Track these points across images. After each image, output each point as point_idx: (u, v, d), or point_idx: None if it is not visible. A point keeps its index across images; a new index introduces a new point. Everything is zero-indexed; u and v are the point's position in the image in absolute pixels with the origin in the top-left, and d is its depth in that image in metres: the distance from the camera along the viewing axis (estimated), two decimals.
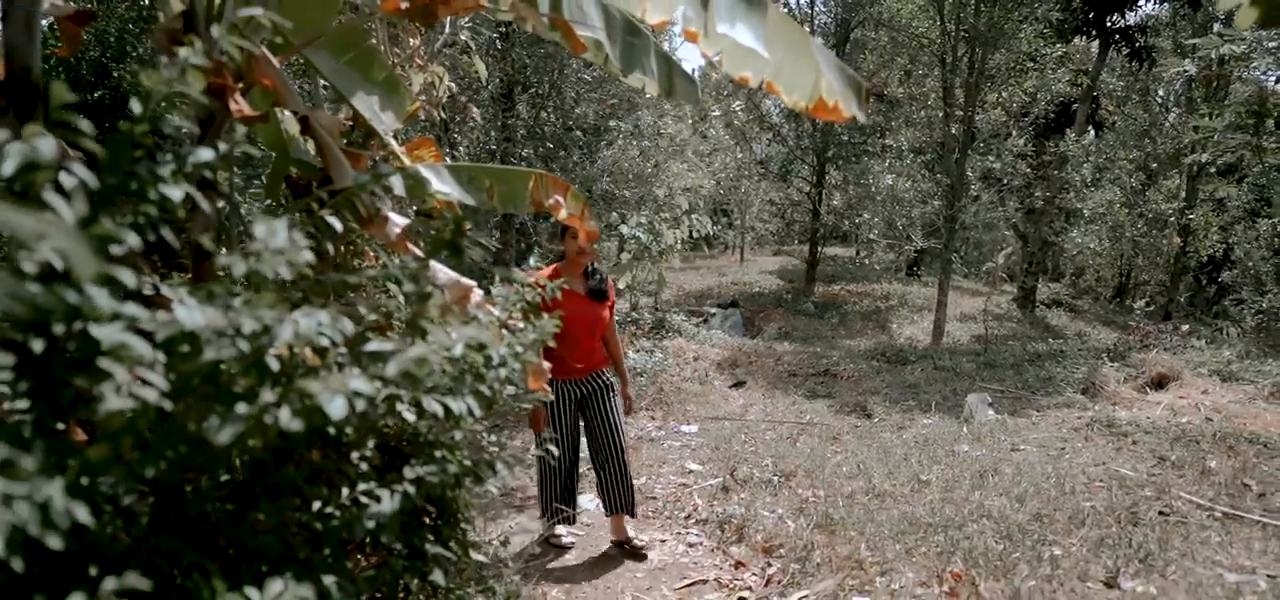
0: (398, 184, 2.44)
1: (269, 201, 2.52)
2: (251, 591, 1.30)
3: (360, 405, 1.25)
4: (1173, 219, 15.00)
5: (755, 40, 2.32)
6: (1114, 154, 16.65)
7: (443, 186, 2.99)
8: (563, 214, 3.30)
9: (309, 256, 1.44)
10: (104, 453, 1.14)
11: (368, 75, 2.91)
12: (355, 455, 1.83)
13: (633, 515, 3.99)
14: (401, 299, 2.08)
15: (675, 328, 10.06)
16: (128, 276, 1.14)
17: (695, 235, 11.47)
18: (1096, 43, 16.02)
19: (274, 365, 1.33)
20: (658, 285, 10.63)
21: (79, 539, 1.19)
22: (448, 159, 5.17)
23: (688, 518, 4.48)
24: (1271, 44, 11.09)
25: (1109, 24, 14.86)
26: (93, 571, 1.16)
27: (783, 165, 19.40)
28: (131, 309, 1.16)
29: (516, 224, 9.43)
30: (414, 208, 3.37)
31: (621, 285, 11.37)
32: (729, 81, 14.33)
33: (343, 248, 2.42)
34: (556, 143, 8.19)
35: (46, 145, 1.13)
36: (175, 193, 1.46)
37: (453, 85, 4.10)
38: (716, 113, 16.57)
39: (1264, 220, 14.13)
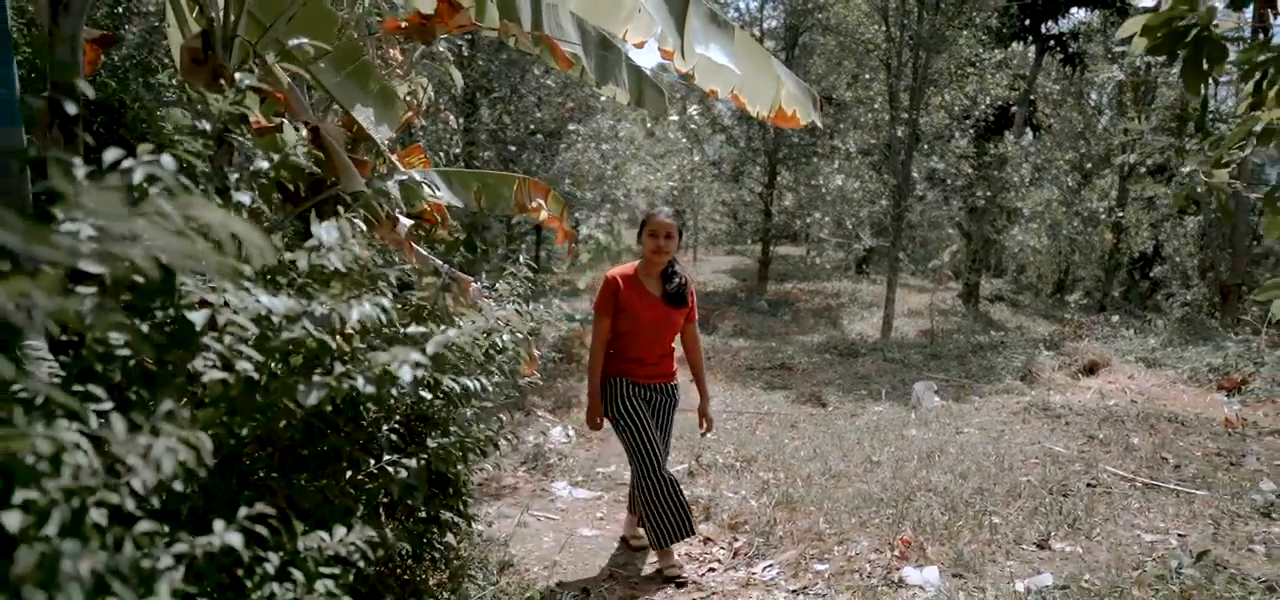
0: (393, 188, 2.70)
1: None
2: (323, 534, 1.54)
3: (419, 374, 1.49)
4: (1104, 218, 15.77)
5: (726, 58, 2.61)
6: (1051, 155, 17.41)
7: (435, 191, 3.22)
8: (543, 215, 3.55)
9: (363, 253, 1.69)
10: (212, 416, 1.37)
11: (365, 88, 3.13)
12: (385, 428, 2.07)
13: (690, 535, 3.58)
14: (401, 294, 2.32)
15: None
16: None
17: None
18: (1033, 48, 16.77)
19: (332, 344, 1.57)
20: None
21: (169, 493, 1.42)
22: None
23: None
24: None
25: (1043, 31, 15.59)
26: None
27: (735, 166, 19.85)
28: (231, 297, 1.39)
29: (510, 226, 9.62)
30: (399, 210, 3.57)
31: (581, 285, 11.62)
32: (684, 87, 14.68)
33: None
34: (519, 145, 8.41)
35: (167, 161, 1.36)
36: (245, 197, 1.70)
37: (432, 93, 4.31)
38: (673, 117, 16.92)
39: (1191, 219, 14.95)
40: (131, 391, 1.41)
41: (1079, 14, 14.67)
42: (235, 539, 1.21)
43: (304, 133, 2.90)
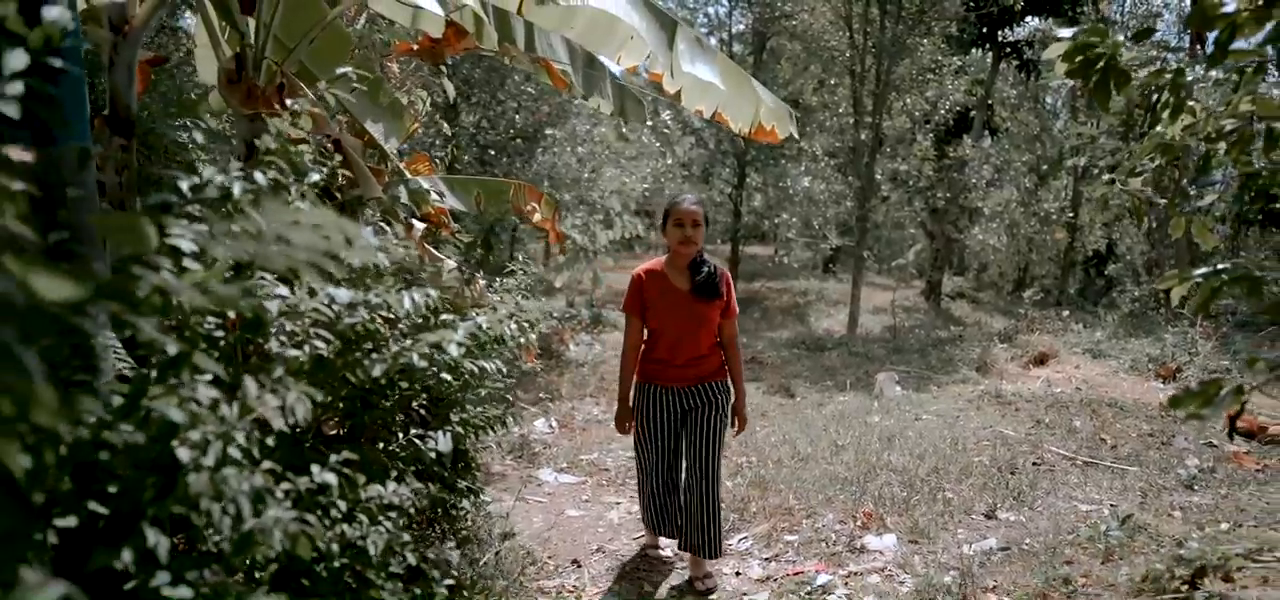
0: (405, 194, 3.02)
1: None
2: (378, 487, 1.85)
3: (462, 352, 1.81)
4: (1055, 217, 16.40)
5: (711, 79, 2.95)
6: (1009, 157, 18.03)
7: (440, 196, 3.52)
8: (537, 218, 3.86)
9: (403, 253, 2.00)
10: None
11: (375, 102, 3.42)
12: (415, 404, 2.38)
13: (713, 556, 3.44)
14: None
15: (611, 322, 10.67)
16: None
17: (627, 236, 12.12)
18: (990, 55, 17.37)
19: (385, 329, 1.89)
20: (593, 283, 11.23)
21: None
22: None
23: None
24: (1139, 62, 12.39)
25: (1000, 38, 16.16)
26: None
27: (704, 168, 20.26)
28: (306, 289, 1.70)
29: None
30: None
31: (558, 284, 11.91)
32: (653, 92, 15.01)
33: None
34: (499, 149, 8.69)
35: (260, 177, 1.66)
36: (304, 205, 2.01)
37: (428, 103, 4.60)
38: (648, 123, 17.27)
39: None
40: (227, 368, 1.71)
41: (1033, 22, 15.23)
42: (330, 478, 1.52)
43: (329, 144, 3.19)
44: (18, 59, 1.19)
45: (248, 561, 1.48)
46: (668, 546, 3.84)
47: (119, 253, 1.22)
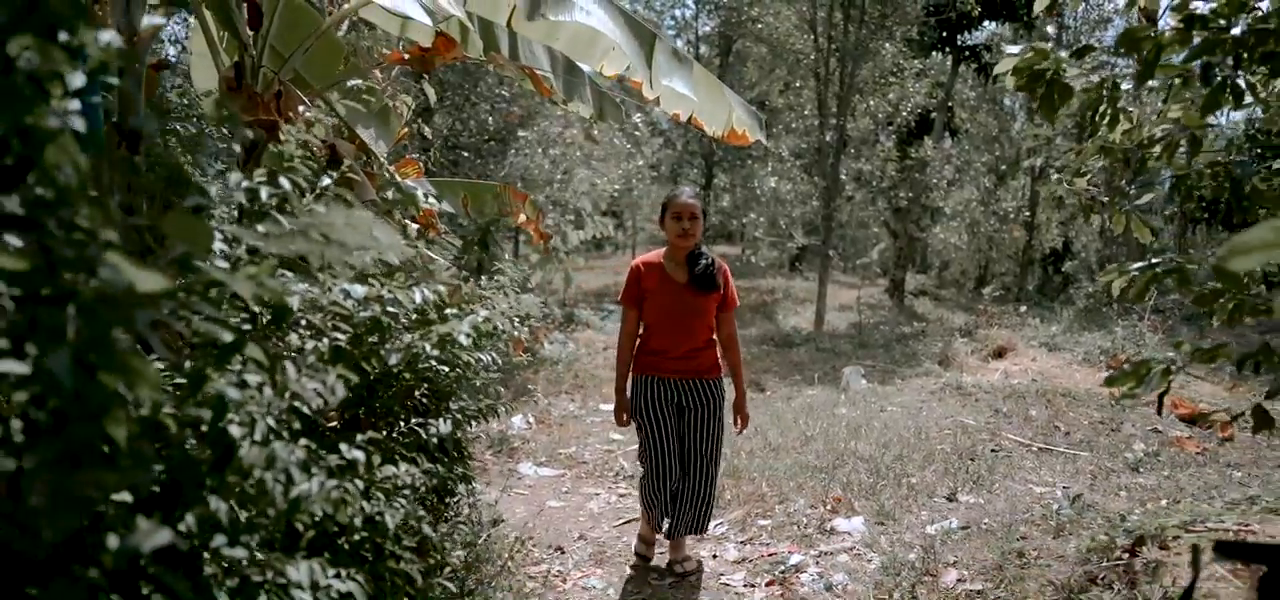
0: (396, 195, 3.17)
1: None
2: (391, 467, 2.00)
3: (471, 337, 1.97)
4: (1013, 216, 16.89)
5: (687, 88, 3.14)
6: (969, 157, 18.53)
7: (428, 199, 3.67)
8: (522, 219, 4.02)
9: (413, 252, 2.15)
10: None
11: (366, 108, 3.56)
12: (417, 393, 2.53)
13: (699, 533, 3.57)
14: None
15: (583, 321, 10.84)
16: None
17: (597, 236, 12.28)
18: (950, 58, 17.85)
19: (397, 322, 2.04)
20: (564, 282, 11.38)
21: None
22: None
23: (617, 475, 5.26)
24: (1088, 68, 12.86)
25: (959, 42, 16.64)
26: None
27: (672, 168, 20.52)
28: (328, 284, 1.85)
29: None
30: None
31: (531, 284, 12.03)
32: (620, 91, 15.21)
33: None
34: (473, 151, 8.81)
35: (286, 182, 1.81)
36: (320, 208, 2.15)
37: (412, 106, 4.72)
38: (621, 127, 17.45)
39: (1095, 217, 16.13)
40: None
41: (991, 26, 15.74)
42: (359, 455, 1.68)
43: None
44: (78, 79, 1.34)
45: (283, 530, 1.63)
46: (657, 551, 3.78)
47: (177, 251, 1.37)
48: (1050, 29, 14.73)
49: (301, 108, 2.71)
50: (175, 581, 1.26)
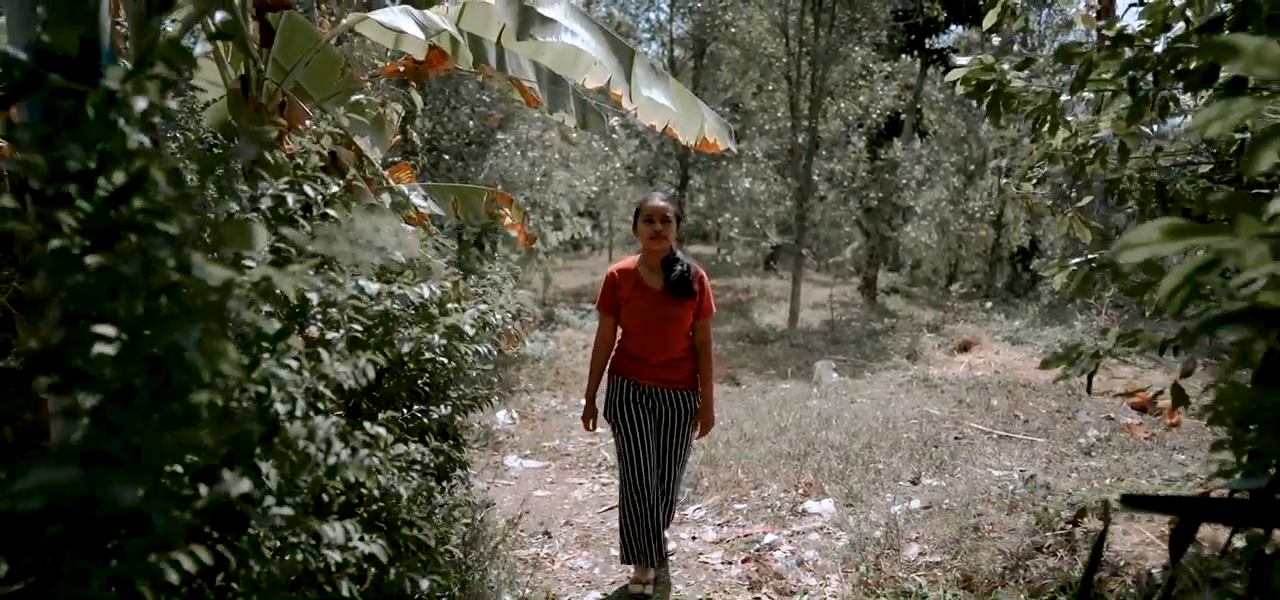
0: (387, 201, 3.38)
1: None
2: (402, 446, 2.22)
3: (474, 329, 2.19)
4: (981, 215, 17.34)
5: (664, 98, 3.37)
6: (938, 158, 18.96)
7: (420, 202, 3.87)
8: (507, 222, 4.23)
9: (420, 253, 2.37)
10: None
11: (363, 117, 3.75)
12: (420, 381, 2.74)
13: (665, 525, 3.49)
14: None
15: (564, 320, 11.05)
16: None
17: (575, 237, 12.50)
18: (919, 61, 18.27)
19: (407, 315, 2.26)
20: (544, 282, 11.58)
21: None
22: None
23: (599, 466, 5.49)
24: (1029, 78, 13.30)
25: (927, 45, 17.06)
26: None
27: (648, 170, 20.78)
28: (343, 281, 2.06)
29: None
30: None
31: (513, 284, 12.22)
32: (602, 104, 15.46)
33: None
34: (453, 155, 8.99)
35: (310, 189, 2.02)
36: (331, 212, 2.36)
37: (401, 113, 4.92)
38: (602, 133, 17.65)
39: (1061, 215, 16.60)
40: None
41: (958, 29, 16.16)
42: (381, 431, 1.90)
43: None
44: (141, 102, 1.55)
45: (314, 497, 1.84)
46: (652, 584, 3.46)
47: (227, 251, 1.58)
48: (1012, 37, 15.15)
49: (309, 121, 2.91)
50: (233, 537, 1.48)
